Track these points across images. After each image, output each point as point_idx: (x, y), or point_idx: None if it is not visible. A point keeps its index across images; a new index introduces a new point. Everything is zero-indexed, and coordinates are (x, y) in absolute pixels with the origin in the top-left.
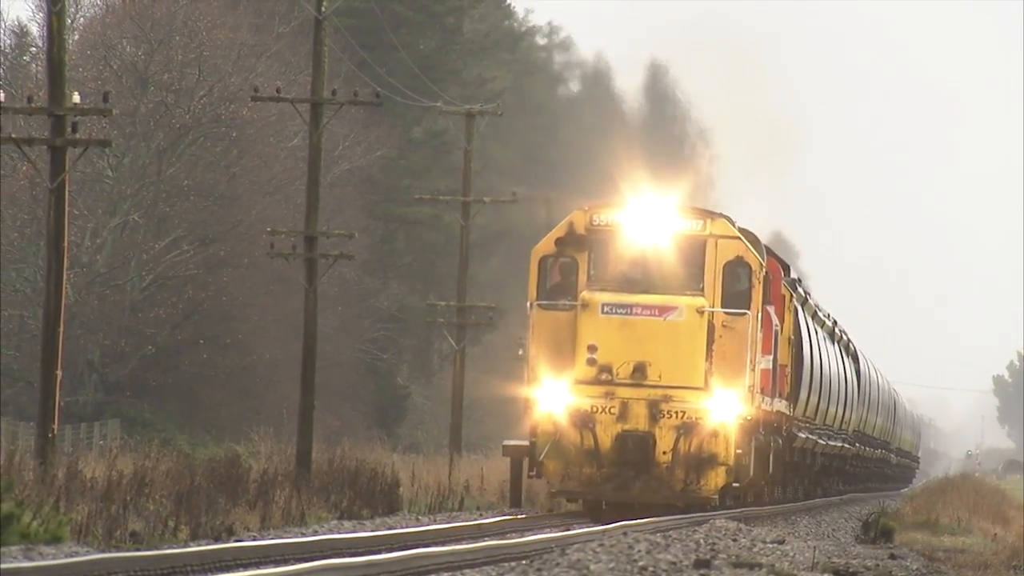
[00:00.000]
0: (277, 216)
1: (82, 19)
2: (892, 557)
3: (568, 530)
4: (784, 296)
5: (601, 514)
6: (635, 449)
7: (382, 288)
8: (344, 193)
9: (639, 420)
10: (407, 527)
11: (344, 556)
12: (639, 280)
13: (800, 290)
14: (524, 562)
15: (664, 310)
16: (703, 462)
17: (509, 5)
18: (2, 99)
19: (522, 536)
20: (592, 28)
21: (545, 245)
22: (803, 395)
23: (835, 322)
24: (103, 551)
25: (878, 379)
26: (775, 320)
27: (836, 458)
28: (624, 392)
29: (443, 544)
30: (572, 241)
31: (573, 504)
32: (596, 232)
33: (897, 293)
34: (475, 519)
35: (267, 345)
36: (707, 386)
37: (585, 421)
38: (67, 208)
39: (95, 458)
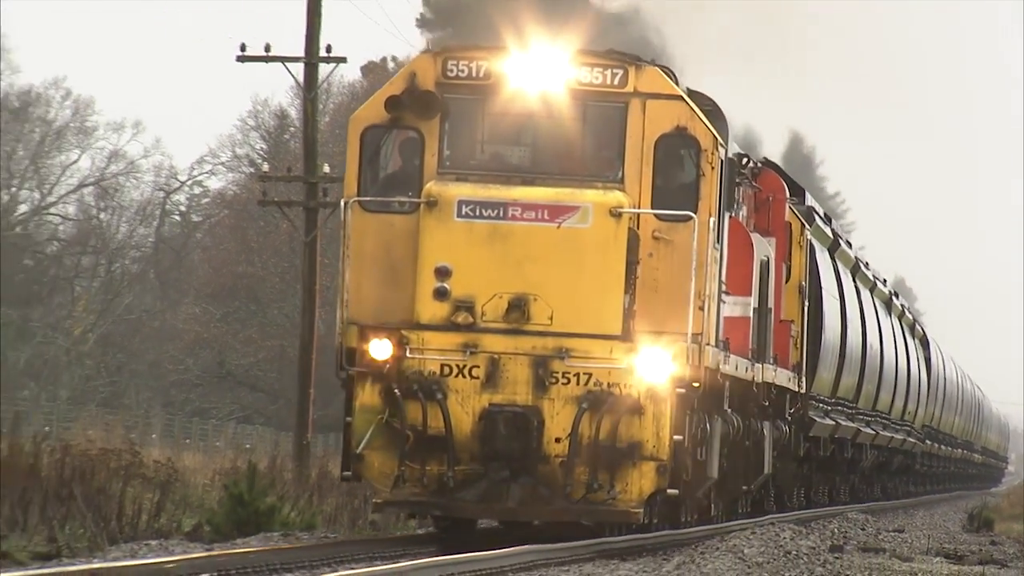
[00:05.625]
0: None
1: (332, 104)
2: (992, 543)
3: None
4: (790, 225)
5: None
6: (510, 435)
7: None
8: None
9: (518, 388)
10: None
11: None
12: (518, 164)
13: (826, 229)
14: (691, 547)
15: (559, 211)
16: (619, 455)
17: None
18: (267, 170)
19: (687, 529)
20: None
21: (370, 110)
22: (825, 371)
23: (895, 293)
24: (347, 537)
25: (957, 375)
26: (762, 244)
27: (898, 453)
28: (494, 343)
29: (620, 534)
30: (415, 102)
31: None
32: (453, 88)
33: (1005, 314)
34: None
35: None
36: (627, 333)
37: (430, 390)
38: (318, 258)
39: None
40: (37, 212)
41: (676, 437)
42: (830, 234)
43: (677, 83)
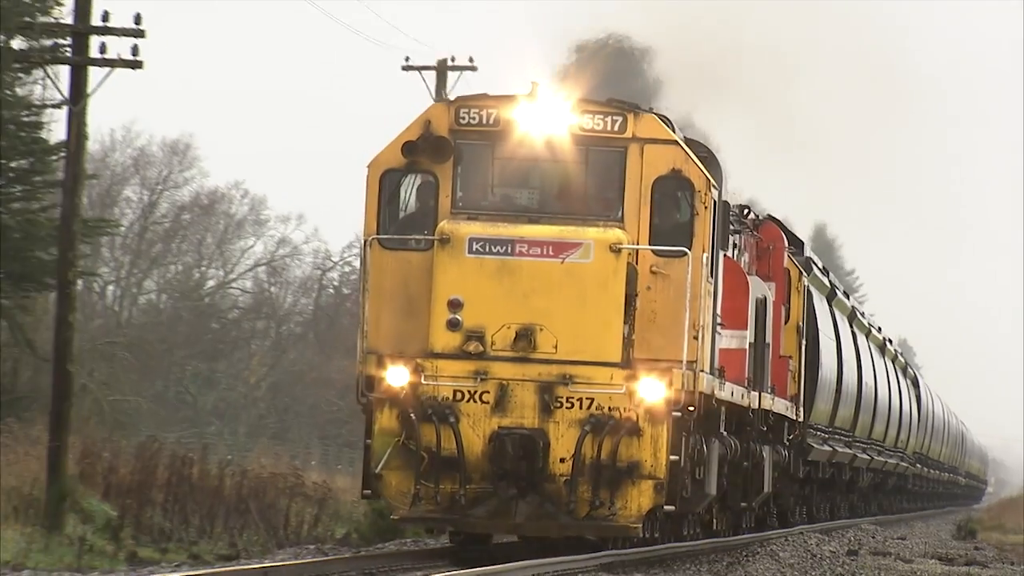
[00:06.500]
0: None
1: None
2: (976, 548)
3: None
4: (788, 272)
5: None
6: (518, 455)
7: None
8: None
9: (525, 412)
10: None
11: None
12: (525, 204)
13: (824, 279)
14: (737, 551)
15: (562, 248)
16: (619, 474)
17: None
18: None
19: (735, 536)
20: None
21: (389, 155)
22: (822, 403)
23: (889, 340)
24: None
25: (944, 413)
26: (758, 284)
27: (892, 475)
28: (502, 370)
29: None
30: (430, 147)
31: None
32: (465, 134)
33: (989, 367)
34: None
35: None
36: (627, 361)
37: (443, 413)
38: None
39: None
40: (221, 287)
41: (672, 457)
42: (828, 284)
43: (674, 130)
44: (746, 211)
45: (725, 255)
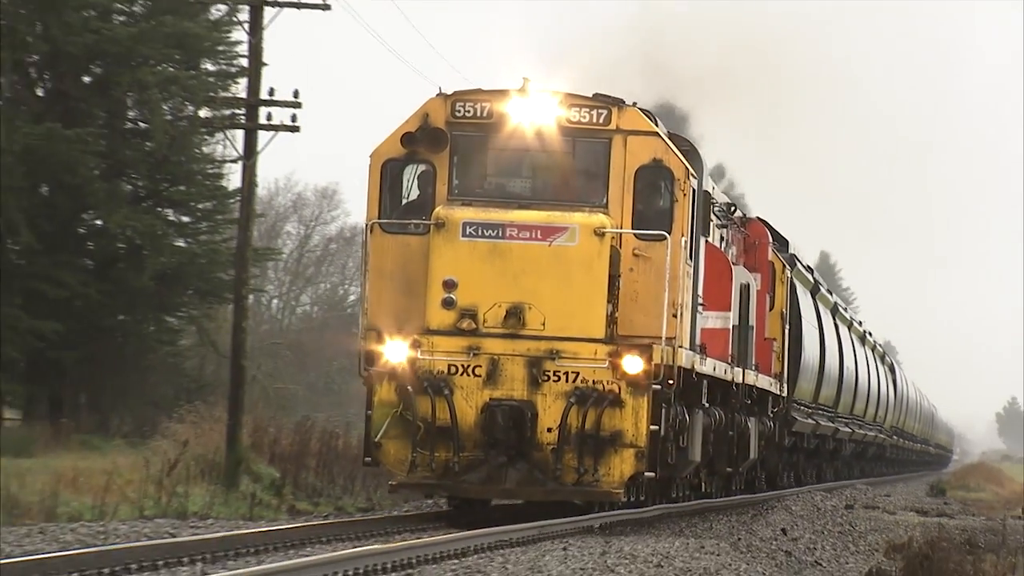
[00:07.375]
0: None
1: None
2: (945, 503)
3: None
4: (772, 264)
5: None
6: (508, 425)
7: None
8: None
9: (515, 385)
10: None
11: None
12: (516, 191)
13: (808, 275)
14: (759, 505)
15: (550, 232)
16: (602, 443)
17: None
18: None
19: (756, 494)
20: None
21: (389, 145)
22: (806, 383)
23: (869, 332)
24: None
25: (917, 395)
26: (742, 272)
27: (872, 445)
28: (494, 345)
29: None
30: (427, 138)
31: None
32: (460, 126)
33: (960, 361)
34: None
35: None
36: (610, 337)
37: (438, 386)
38: None
39: None
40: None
41: (652, 427)
42: (812, 279)
43: (656, 123)
44: (733, 209)
45: (708, 243)
